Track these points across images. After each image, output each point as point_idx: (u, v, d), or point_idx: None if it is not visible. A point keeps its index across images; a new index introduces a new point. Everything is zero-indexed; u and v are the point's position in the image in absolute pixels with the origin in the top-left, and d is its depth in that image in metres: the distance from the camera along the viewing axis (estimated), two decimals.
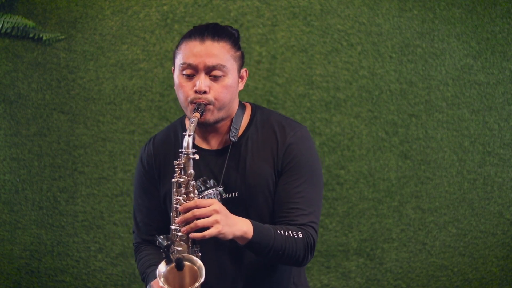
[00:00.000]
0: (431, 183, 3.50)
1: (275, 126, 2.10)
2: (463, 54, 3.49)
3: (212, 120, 2.02)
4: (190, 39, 2.03)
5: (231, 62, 2.03)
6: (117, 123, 3.51)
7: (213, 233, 1.83)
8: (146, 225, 2.19)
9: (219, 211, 1.85)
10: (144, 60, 3.49)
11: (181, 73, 2.02)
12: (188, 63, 2.00)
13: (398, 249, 3.51)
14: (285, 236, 1.96)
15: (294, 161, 2.06)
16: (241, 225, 1.90)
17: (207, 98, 1.99)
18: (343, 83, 3.47)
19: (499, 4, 3.48)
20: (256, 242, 1.91)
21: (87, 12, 3.51)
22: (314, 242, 2.02)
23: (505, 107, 3.50)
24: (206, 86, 1.99)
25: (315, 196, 2.07)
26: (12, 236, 3.53)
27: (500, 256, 3.53)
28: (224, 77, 2.01)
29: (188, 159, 1.92)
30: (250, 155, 2.07)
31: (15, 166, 3.52)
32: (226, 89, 2.01)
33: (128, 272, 3.51)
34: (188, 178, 1.92)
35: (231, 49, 2.04)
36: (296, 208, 2.02)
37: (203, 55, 1.99)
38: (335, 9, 3.48)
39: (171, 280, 1.85)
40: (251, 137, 2.09)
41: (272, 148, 2.07)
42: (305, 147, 2.09)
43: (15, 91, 3.51)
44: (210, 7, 3.48)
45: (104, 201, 3.52)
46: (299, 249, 1.98)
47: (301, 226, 2.01)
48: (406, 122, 3.49)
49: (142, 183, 2.19)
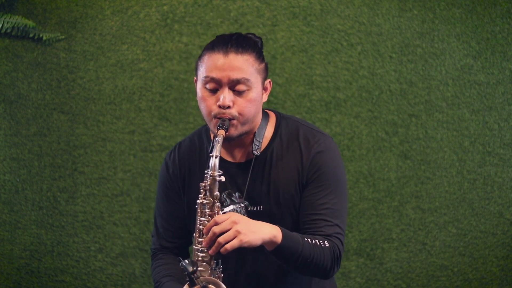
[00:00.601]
0: (431, 183, 3.50)
1: (300, 138, 2.07)
2: (463, 54, 3.49)
3: (236, 134, 1.99)
4: (213, 51, 1.98)
5: (255, 75, 1.99)
6: (117, 123, 3.51)
7: (235, 245, 1.81)
8: (166, 230, 2.18)
9: (237, 222, 1.82)
10: (144, 60, 3.49)
11: (204, 87, 1.99)
12: (211, 76, 1.97)
13: (398, 249, 3.51)
14: (313, 244, 1.92)
15: (319, 172, 2.02)
16: (269, 229, 1.87)
17: (231, 113, 1.96)
18: (343, 83, 3.47)
19: (499, 4, 3.48)
20: (285, 247, 1.87)
21: (87, 12, 3.51)
22: (340, 253, 1.98)
23: (505, 107, 3.50)
24: (230, 101, 1.96)
25: (340, 207, 2.03)
26: (12, 236, 3.53)
27: (500, 256, 3.52)
28: (248, 91, 1.98)
29: (213, 181, 1.90)
30: (275, 168, 2.04)
31: (15, 166, 3.52)
32: (250, 104, 1.98)
33: (128, 272, 3.51)
34: (213, 200, 1.91)
35: (255, 61, 2.00)
36: (321, 220, 1.99)
37: (227, 69, 1.95)
38: (335, 9, 3.48)
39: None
40: (276, 150, 2.06)
41: (296, 161, 2.04)
42: (329, 157, 2.06)
43: (15, 91, 3.51)
44: (210, 7, 3.48)
45: (104, 201, 3.52)
46: (326, 259, 1.94)
47: (327, 236, 1.97)
48: (406, 122, 3.49)
49: (165, 189, 2.17)
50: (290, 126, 2.10)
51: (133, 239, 3.50)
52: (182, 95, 3.47)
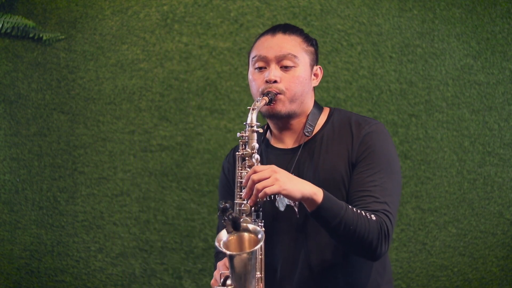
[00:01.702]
0: (431, 183, 3.50)
1: (352, 122, 2.06)
2: (463, 54, 3.49)
3: (284, 111, 2.01)
4: (262, 36, 2.06)
5: (303, 54, 2.04)
6: (117, 123, 3.51)
7: (274, 190, 1.78)
8: None
9: (277, 171, 1.81)
10: (144, 60, 3.49)
11: (254, 68, 2.04)
12: (259, 55, 2.02)
13: (398, 249, 3.51)
14: (358, 213, 1.86)
15: (369, 150, 2.00)
16: (310, 186, 1.84)
17: (278, 87, 1.99)
18: (343, 83, 3.47)
19: (499, 4, 3.48)
20: (325, 208, 1.83)
21: (87, 12, 3.51)
22: (388, 230, 1.90)
23: (505, 107, 3.50)
24: (277, 76, 1.99)
25: (390, 186, 1.98)
26: (12, 236, 3.53)
27: (500, 256, 3.53)
28: (295, 68, 2.02)
29: (252, 132, 1.92)
30: (324, 151, 2.03)
31: (15, 166, 3.52)
32: (297, 80, 2.01)
33: (128, 272, 3.51)
34: (251, 151, 1.91)
35: (303, 42, 2.05)
36: (369, 196, 1.93)
37: (274, 46, 2.02)
38: (335, 9, 3.48)
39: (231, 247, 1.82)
40: (326, 134, 2.06)
41: (347, 142, 2.03)
42: (380, 138, 2.03)
43: (15, 91, 3.51)
44: (210, 7, 3.48)
45: (104, 201, 3.52)
46: (372, 231, 1.87)
47: (374, 211, 1.91)
48: (406, 122, 3.49)
49: (224, 190, 2.18)
50: (343, 114, 2.11)
51: (133, 239, 3.50)
52: (182, 95, 3.47)
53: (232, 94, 3.45)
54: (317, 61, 2.11)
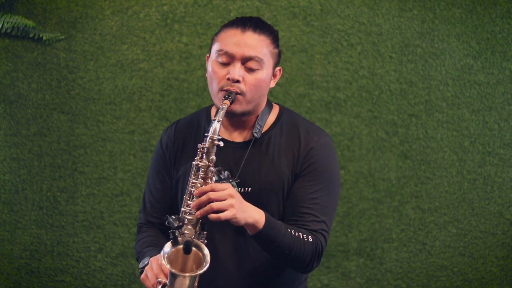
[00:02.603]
0: (431, 183, 3.50)
1: (300, 129, 2.08)
2: (463, 54, 3.49)
3: (240, 111, 2.01)
4: (231, 27, 2.02)
5: (268, 57, 2.03)
6: (117, 123, 3.51)
7: (228, 216, 1.81)
8: (153, 206, 2.18)
9: (233, 196, 1.83)
10: (144, 60, 3.49)
11: (216, 60, 2.01)
12: (225, 50, 1.99)
13: (398, 249, 3.51)
14: (295, 236, 1.93)
15: (314, 166, 2.03)
16: (254, 213, 1.88)
17: (239, 87, 1.98)
18: (343, 83, 3.47)
19: (499, 4, 3.48)
20: (265, 233, 1.89)
21: (87, 12, 3.51)
22: (322, 249, 1.99)
23: (505, 107, 3.50)
24: (240, 75, 1.98)
25: (330, 204, 2.04)
26: (12, 236, 3.53)
27: (500, 256, 3.53)
28: (259, 71, 2.01)
29: (212, 145, 1.90)
30: (271, 154, 2.05)
31: (15, 166, 3.52)
32: (258, 83, 2.01)
33: (128, 272, 3.51)
34: (208, 163, 1.90)
35: (271, 44, 2.05)
36: (309, 214, 2.00)
37: (242, 45, 1.99)
38: (335, 9, 3.48)
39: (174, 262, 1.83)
40: (274, 136, 2.08)
41: (293, 150, 2.05)
42: (326, 154, 2.07)
43: (15, 91, 3.51)
44: (210, 7, 3.48)
45: (104, 201, 3.52)
46: (306, 253, 1.95)
47: (312, 232, 1.98)
48: (406, 122, 3.49)
49: (157, 163, 2.18)
50: (292, 118, 2.13)
51: (133, 239, 3.50)
52: (182, 95, 3.47)
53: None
54: (279, 62, 2.11)
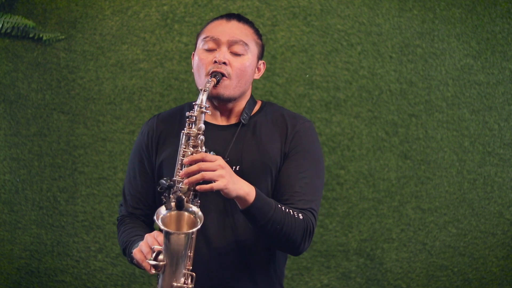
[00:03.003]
0: (431, 183, 3.50)
1: (285, 115, 2.14)
2: (463, 54, 3.49)
3: (226, 95, 2.05)
4: (216, 19, 2.11)
5: (253, 44, 2.10)
6: (117, 123, 3.51)
7: (219, 186, 1.83)
8: (133, 197, 2.19)
9: (224, 167, 1.85)
10: (144, 60, 3.49)
11: (203, 48, 2.07)
12: (211, 36, 2.06)
13: (398, 249, 3.51)
14: (286, 212, 1.95)
15: (302, 147, 2.08)
16: (245, 186, 1.90)
17: (226, 69, 2.03)
18: (343, 83, 3.47)
19: (499, 4, 3.48)
20: (256, 207, 1.90)
21: (87, 12, 3.51)
22: (313, 228, 2.01)
23: (505, 107, 3.50)
24: (226, 58, 2.03)
25: (318, 185, 2.08)
26: (12, 236, 3.53)
27: (500, 256, 3.53)
28: (244, 56, 2.06)
29: (200, 113, 1.93)
30: (258, 135, 2.09)
31: (15, 166, 3.52)
32: (244, 67, 2.06)
33: (128, 272, 3.51)
34: (198, 131, 1.93)
35: (254, 34, 2.12)
36: (299, 192, 2.02)
37: (227, 30, 2.06)
38: (335, 9, 3.48)
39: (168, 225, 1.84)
40: (259, 121, 2.12)
41: (281, 132, 2.10)
42: (313, 138, 2.13)
43: (15, 91, 3.51)
44: (210, 7, 3.48)
45: (104, 201, 3.52)
46: (298, 230, 1.96)
47: (302, 210, 2.00)
48: (406, 122, 3.49)
49: (137, 154, 2.20)
50: (274, 107, 2.19)
51: None
52: (182, 95, 3.47)
53: None
54: (263, 56, 2.17)
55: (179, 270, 1.86)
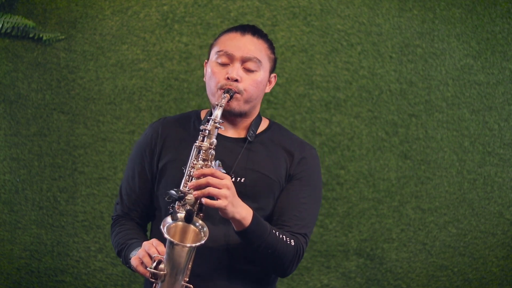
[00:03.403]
0: (431, 183, 3.50)
1: (293, 140, 2.17)
2: (463, 54, 3.49)
3: (237, 110, 2.06)
4: (231, 31, 2.10)
5: (266, 60, 2.09)
6: (117, 123, 3.51)
7: (219, 205, 1.85)
8: (130, 197, 2.19)
9: (230, 188, 1.87)
10: (144, 60, 3.49)
11: (216, 61, 2.07)
12: (225, 50, 2.05)
13: (398, 249, 3.51)
14: (279, 238, 1.98)
15: (307, 172, 2.11)
16: (243, 210, 1.92)
17: (238, 86, 2.04)
18: (343, 83, 3.47)
19: (499, 4, 3.48)
20: (251, 231, 1.93)
21: (87, 12, 3.51)
22: (302, 253, 2.05)
23: (505, 107, 3.50)
24: (239, 75, 2.03)
25: (314, 212, 2.13)
26: (12, 236, 3.53)
27: (500, 256, 3.53)
28: (256, 72, 2.06)
29: (214, 128, 1.94)
30: (265, 151, 2.11)
31: (15, 166, 3.52)
32: (256, 84, 2.06)
33: (128, 272, 3.51)
34: (209, 146, 1.94)
35: (268, 49, 2.11)
36: (297, 216, 2.06)
37: (242, 46, 2.05)
38: (335, 9, 3.48)
39: (173, 236, 1.85)
40: (267, 139, 2.14)
41: (288, 154, 2.12)
42: (317, 166, 2.16)
43: (15, 91, 3.51)
44: (210, 7, 3.48)
45: (104, 201, 3.52)
46: (287, 256, 2.00)
47: (295, 234, 2.04)
48: (406, 122, 3.49)
49: (139, 155, 2.20)
50: (282, 131, 2.20)
51: None
52: (182, 95, 3.47)
53: None
54: (275, 69, 2.17)
55: (178, 282, 1.87)
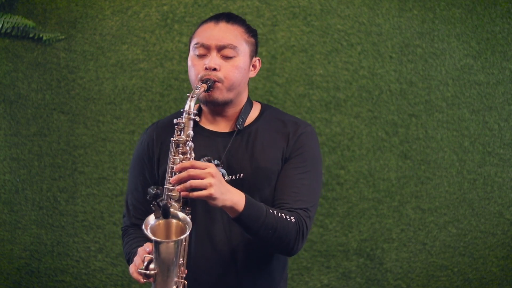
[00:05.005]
0: (431, 183, 3.50)
1: (286, 121, 2.15)
2: (463, 54, 3.49)
3: (221, 99, 2.05)
4: (206, 22, 2.10)
5: (244, 45, 2.08)
6: (117, 123, 3.51)
7: (204, 195, 1.83)
8: (136, 208, 2.19)
9: (214, 175, 1.84)
10: (144, 60, 3.49)
11: (194, 54, 2.07)
12: (201, 42, 2.05)
13: (398, 249, 3.51)
14: (278, 216, 1.96)
15: (303, 150, 2.09)
16: (233, 195, 1.89)
17: (217, 75, 2.03)
18: (343, 83, 3.48)
19: (499, 4, 3.48)
20: (246, 215, 1.90)
21: (87, 12, 3.51)
22: (306, 229, 2.02)
23: (505, 107, 3.50)
24: (217, 64, 2.03)
25: (315, 188, 2.09)
26: (12, 236, 3.53)
27: (500, 256, 3.53)
28: (235, 58, 2.06)
29: (189, 119, 1.94)
30: (260, 141, 2.10)
31: (15, 166, 3.52)
32: (236, 69, 2.05)
33: (128, 272, 3.51)
34: (186, 138, 1.93)
35: (244, 33, 2.10)
36: (296, 193, 2.04)
37: (216, 35, 2.05)
38: (335, 9, 3.48)
39: (158, 234, 1.84)
40: (261, 127, 2.12)
41: (283, 138, 2.10)
42: (314, 141, 2.14)
43: (15, 91, 3.51)
44: (210, 7, 3.48)
45: (104, 201, 3.52)
46: (290, 233, 1.97)
47: (296, 210, 2.01)
48: (406, 122, 3.49)
49: (139, 165, 2.19)
50: (275, 112, 2.19)
51: None
52: (182, 95, 3.47)
53: None
54: (257, 52, 2.16)
55: (171, 278, 1.87)
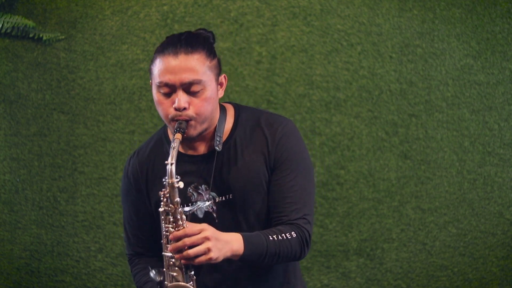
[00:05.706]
0: (431, 183, 3.50)
1: (262, 124, 2.07)
2: (463, 54, 3.49)
3: (196, 134, 1.99)
4: (163, 54, 1.96)
5: (208, 73, 1.97)
6: (117, 123, 3.51)
7: (204, 260, 1.83)
8: (136, 237, 2.17)
9: (210, 238, 1.83)
10: (144, 60, 3.49)
11: (159, 91, 1.97)
12: (164, 82, 1.94)
13: (398, 249, 3.51)
14: (279, 240, 1.96)
15: (286, 154, 2.04)
16: (232, 245, 1.89)
17: (188, 114, 1.95)
18: (343, 83, 3.47)
19: (499, 4, 3.48)
20: (248, 255, 1.91)
21: (87, 12, 3.51)
22: (309, 236, 2.02)
23: (505, 107, 3.50)
24: (186, 102, 1.94)
25: (307, 186, 2.06)
26: (12, 236, 3.53)
27: (500, 256, 3.53)
28: (203, 91, 1.96)
29: (172, 188, 1.88)
30: (240, 155, 2.05)
31: (15, 166, 3.52)
32: (206, 103, 1.97)
33: (128, 272, 3.51)
34: (175, 206, 1.89)
35: (206, 59, 1.98)
36: (290, 202, 2.02)
37: (178, 72, 1.93)
38: (335, 9, 3.48)
39: None
40: (239, 138, 2.07)
41: (262, 146, 2.05)
42: (294, 139, 2.08)
43: (15, 91, 3.51)
44: (210, 7, 3.48)
45: (104, 201, 3.52)
46: (294, 249, 1.98)
47: (294, 222, 2.00)
48: (406, 122, 3.49)
49: (129, 196, 2.16)
50: (250, 116, 2.11)
51: None
52: None
53: (232, 94, 3.45)
54: (221, 70, 2.06)
55: None
